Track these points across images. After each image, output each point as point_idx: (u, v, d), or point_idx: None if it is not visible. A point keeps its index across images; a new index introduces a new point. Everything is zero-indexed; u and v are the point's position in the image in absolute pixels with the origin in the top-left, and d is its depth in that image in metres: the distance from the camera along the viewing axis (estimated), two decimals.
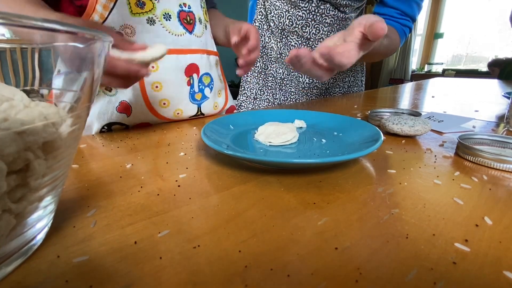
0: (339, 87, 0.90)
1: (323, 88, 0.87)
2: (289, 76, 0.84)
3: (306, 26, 0.76)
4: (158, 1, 0.46)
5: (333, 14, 0.75)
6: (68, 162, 0.18)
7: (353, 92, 0.93)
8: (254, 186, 0.26)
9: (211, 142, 0.31)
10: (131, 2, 0.43)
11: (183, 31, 0.50)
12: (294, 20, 0.76)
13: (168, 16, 0.47)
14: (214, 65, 0.60)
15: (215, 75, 0.60)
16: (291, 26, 0.77)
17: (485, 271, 0.16)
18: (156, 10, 0.46)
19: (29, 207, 0.16)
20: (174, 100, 0.52)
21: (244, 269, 0.16)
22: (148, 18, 0.45)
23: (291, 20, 0.76)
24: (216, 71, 0.61)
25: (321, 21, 0.75)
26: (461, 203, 0.23)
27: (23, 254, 0.16)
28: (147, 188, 0.26)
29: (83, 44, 0.16)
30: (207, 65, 0.57)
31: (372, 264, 0.16)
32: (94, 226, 0.20)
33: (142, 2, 0.44)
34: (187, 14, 0.50)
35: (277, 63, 0.84)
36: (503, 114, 0.58)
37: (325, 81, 0.84)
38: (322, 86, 0.86)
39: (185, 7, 0.50)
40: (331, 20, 0.76)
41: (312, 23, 0.76)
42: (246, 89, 0.88)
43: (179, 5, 0.49)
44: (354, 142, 0.36)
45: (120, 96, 0.48)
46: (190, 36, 0.51)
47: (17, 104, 0.14)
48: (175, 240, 0.19)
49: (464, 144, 0.33)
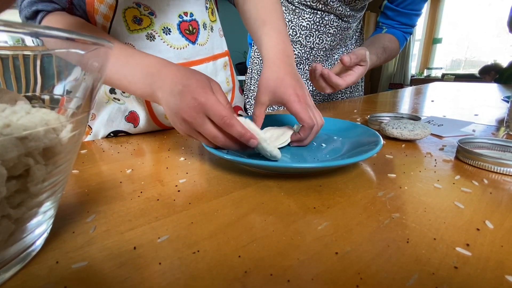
0: (341, 92, 0.93)
1: (326, 94, 0.89)
2: None
3: (310, 36, 0.78)
4: (156, 16, 0.44)
5: (337, 25, 0.76)
6: (68, 168, 0.18)
7: (354, 97, 0.94)
8: (254, 191, 0.26)
9: (210, 147, 0.31)
10: (128, 19, 0.42)
11: (185, 43, 0.47)
12: (298, 30, 0.77)
13: (167, 30, 0.45)
14: (221, 69, 0.57)
15: (222, 79, 0.58)
16: (295, 36, 0.78)
17: (487, 276, 0.16)
18: (154, 25, 0.44)
19: (29, 213, 0.16)
20: None
21: (244, 275, 0.16)
22: (147, 34, 0.44)
23: (295, 30, 0.77)
24: (224, 74, 0.58)
25: (325, 32, 0.77)
26: (462, 207, 0.23)
27: (22, 259, 0.16)
28: (147, 193, 0.26)
29: (84, 51, 0.16)
30: (213, 72, 0.55)
31: (373, 268, 0.16)
32: (93, 231, 0.20)
33: (139, 19, 0.43)
34: (189, 24, 0.47)
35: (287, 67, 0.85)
36: (502, 118, 0.58)
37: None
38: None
39: (186, 16, 0.47)
40: (334, 30, 0.77)
41: (316, 33, 0.77)
42: (250, 97, 0.88)
43: (178, 16, 0.46)
44: (354, 147, 0.36)
45: (129, 106, 0.48)
46: (194, 47, 0.49)
47: (19, 110, 0.15)
48: (175, 245, 0.19)
49: (464, 148, 0.33)
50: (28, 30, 0.13)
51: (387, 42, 0.74)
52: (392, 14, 0.76)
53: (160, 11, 0.44)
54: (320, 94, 0.88)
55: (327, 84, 0.60)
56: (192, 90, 0.29)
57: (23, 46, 0.15)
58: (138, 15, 0.43)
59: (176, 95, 0.29)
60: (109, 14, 0.41)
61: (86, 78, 0.17)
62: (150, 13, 0.43)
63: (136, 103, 0.48)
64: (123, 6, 0.41)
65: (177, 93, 0.29)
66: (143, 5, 0.43)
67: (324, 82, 0.59)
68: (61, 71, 0.17)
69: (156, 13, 0.44)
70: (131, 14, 0.42)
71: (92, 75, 0.18)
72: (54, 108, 0.18)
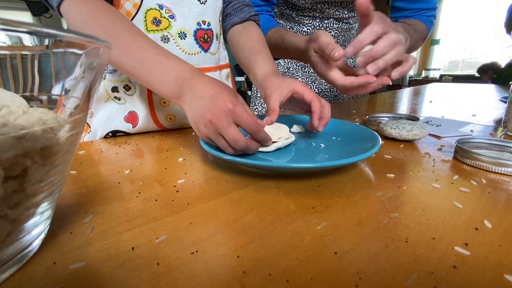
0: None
1: (331, 96, 0.89)
2: None
3: None
4: (175, 19, 0.45)
5: (337, 27, 0.76)
6: (66, 168, 0.18)
7: (359, 97, 0.94)
8: (253, 191, 0.26)
9: (210, 147, 0.31)
10: (148, 19, 0.43)
11: (198, 49, 0.49)
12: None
13: (183, 34, 0.46)
14: (224, 79, 0.59)
15: None
16: None
17: (486, 275, 0.16)
18: (172, 28, 0.45)
19: (26, 213, 0.15)
20: (181, 115, 0.52)
21: (242, 275, 0.16)
22: (162, 36, 0.45)
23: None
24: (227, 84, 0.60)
25: None
26: (460, 206, 0.23)
27: (18, 260, 0.16)
28: (145, 193, 0.26)
29: (82, 51, 0.16)
30: None
31: (372, 268, 0.16)
32: (91, 232, 0.20)
33: (158, 20, 0.44)
34: (205, 32, 0.49)
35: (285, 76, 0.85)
36: (500, 118, 0.58)
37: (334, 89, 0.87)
38: (330, 94, 0.88)
39: (204, 25, 0.48)
40: (336, 33, 0.77)
41: None
42: (258, 104, 0.89)
43: (197, 23, 0.47)
44: (352, 147, 0.36)
45: (129, 106, 0.48)
46: (205, 55, 0.50)
47: (16, 110, 0.15)
48: (173, 245, 0.19)
49: (462, 148, 0.33)
50: (26, 29, 0.13)
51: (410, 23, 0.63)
52: (404, 4, 0.67)
53: (181, 16, 0.45)
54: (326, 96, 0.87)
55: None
56: (224, 97, 0.31)
57: (21, 46, 0.15)
58: (158, 17, 0.44)
59: (208, 99, 0.31)
60: (132, 12, 0.42)
61: (84, 78, 0.17)
62: (171, 16, 0.45)
63: (138, 103, 0.48)
64: (146, 6, 0.43)
65: (208, 97, 0.31)
66: (166, 8, 0.44)
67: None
68: (59, 71, 0.17)
69: (176, 17, 0.45)
70: (152, 15, 0.43)
71: (90, 75, 0.18)
72: (52, 108, 0.18)
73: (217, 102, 0.31)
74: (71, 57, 0.16)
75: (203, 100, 0.32)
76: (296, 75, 0.84)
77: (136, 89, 0.47)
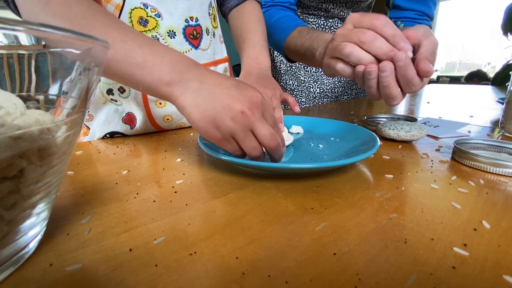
0: (347, 94, 0.93)
1: (332, 97, 0.89)
2: (299, 87, 0.86)
3: None
4: (162, 18, 0.44)
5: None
6: (62, 169, 0.18)
7: (359, 97, 0.95)
8: (251, 192, 0.26)
9: (208, 148, 0.31)
10: (134, 20, 0.42)
11: (188, 47, 0.48)
12: None
13: (172, 33, 0.45)
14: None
15: None
16: None
17: (485, 276, 0.16)
18: (160, 27, 0.44)
19: (22, 214, 0.15)
20: (178, 115, 0.51)
21: (241, 276, 0.16)
22: (152, 36, 0.43)
23: None
24: None
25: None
26: (458, 207, 0.23)
27: (14, 262, 0.16)
28: (143, 194, 0.26)
29: (80, 50, 0.16)
30: None
31: (371, 269, 0.16)
32: (88, 233, 0.20)
33: (145, 20, 0.42)
34: (193, 28, 0.48)
35: (287, 75, 0.86)
36: (497, 119, 0.59)
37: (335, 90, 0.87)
38: (332, 94, 0.88)
39: (191, 21, 0.47)
40: None
41: None
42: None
43: (185, 20, 0.46)
44: (351, 147, 0.36)
45: (127, 107, 0.48)
46: (196, 51, 0.49)
47: (14, 112, 0.14)
48: (171, 247, 0.18)
49: (460, 149, 0.33)
50: (23, 27, 0.13)
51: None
52: (405, 4, 0.69)
53: (167, 13, 0.44)
54: (327, 96, 0.87)
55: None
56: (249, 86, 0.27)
57: (17, 45, 0.15)
58: (145, 16, 0.43)
59: (231, 87, 0.26)
60: (115, 14, 0.41)
61: (81, 77, 0.17)
62: (157, 15, 0.43)
63: (134, 104, 0.47)
64: (130, 6, 0.41)
65: (230, 85, 0.27)
66: (151, 6, 0.43)
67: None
68: (56, 70, 0.17)
69: (163, 15, 0.44)
70: (138, 15, 0.42)
71: (88, 74, 0.17)
72: (49, 108, 0.18)
73: (245, 91, 0.26)
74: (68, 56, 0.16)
75: (224, 88, 0.26)
76: (298, 73, 0.84)
77: (130, 91, 0.46)
